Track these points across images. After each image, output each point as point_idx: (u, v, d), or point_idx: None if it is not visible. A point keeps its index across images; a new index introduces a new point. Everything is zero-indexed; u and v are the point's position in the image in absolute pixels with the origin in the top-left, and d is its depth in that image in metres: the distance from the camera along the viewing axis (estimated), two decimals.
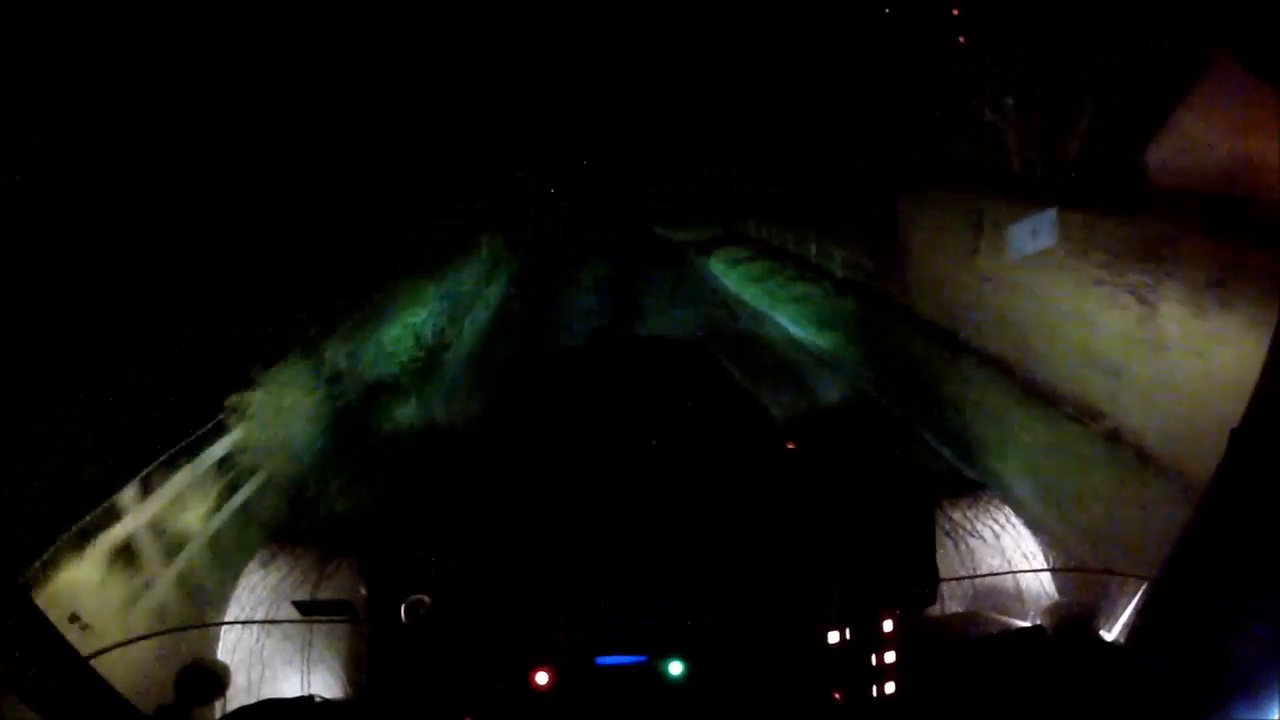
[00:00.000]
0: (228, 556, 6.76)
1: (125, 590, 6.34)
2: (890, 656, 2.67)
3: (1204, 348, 8.08)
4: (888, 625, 2.69)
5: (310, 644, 3.27)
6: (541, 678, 2.56)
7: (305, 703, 2.71)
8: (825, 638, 2.64)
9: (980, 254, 12.82)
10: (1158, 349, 8.83)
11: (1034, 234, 12.19)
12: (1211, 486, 1.90)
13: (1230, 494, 1.90)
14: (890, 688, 2.64)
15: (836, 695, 2.65)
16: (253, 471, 8.47)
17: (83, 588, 5.89)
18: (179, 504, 7.44)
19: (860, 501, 3.22)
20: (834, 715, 2.67)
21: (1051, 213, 10.03)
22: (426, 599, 2.73)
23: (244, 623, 3.35)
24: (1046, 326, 11.01)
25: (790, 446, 4.23)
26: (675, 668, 2.54)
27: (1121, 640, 2.63)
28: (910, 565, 2.84)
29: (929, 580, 2.83)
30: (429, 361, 15.03)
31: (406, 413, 12.03)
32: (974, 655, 2.78)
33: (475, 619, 2.76)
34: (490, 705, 2.63)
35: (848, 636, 2.65)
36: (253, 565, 3.69)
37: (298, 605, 2.90)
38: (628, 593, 2.76)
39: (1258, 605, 1.75)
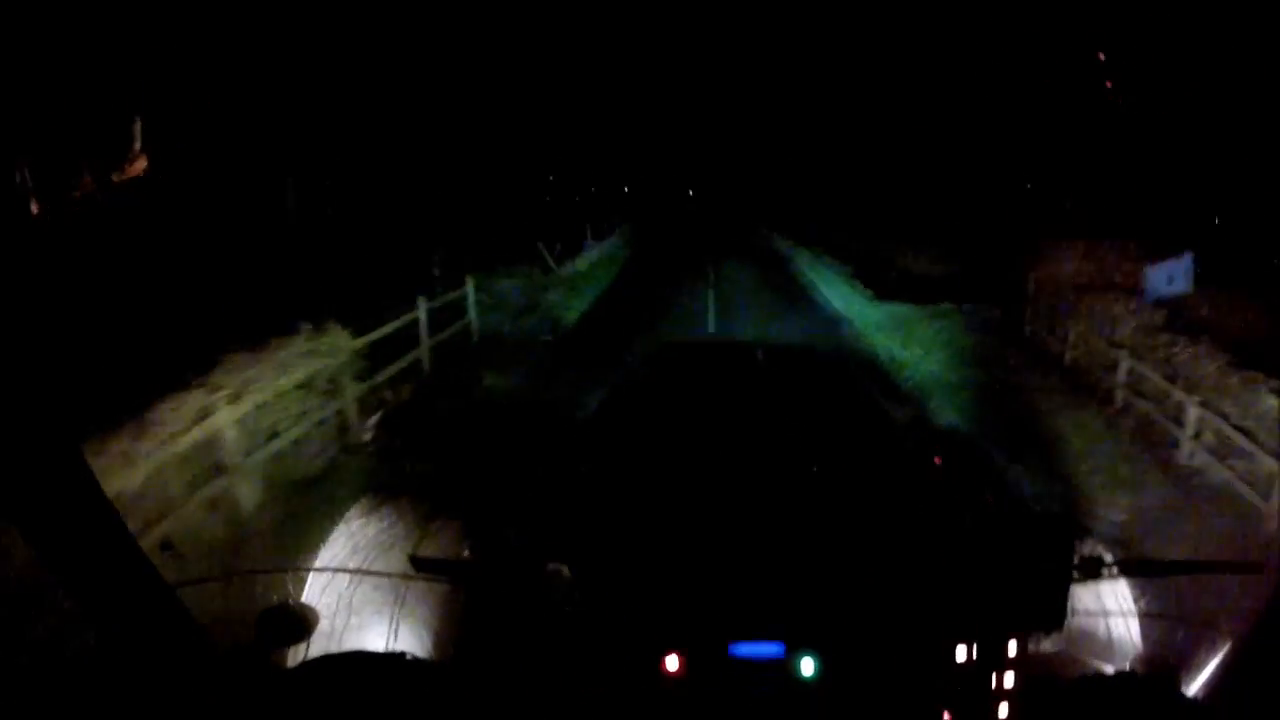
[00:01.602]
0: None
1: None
2: (1010, 680, 2.61)
3: None
4: (1012, 648, 2.64)
5: (402, 599, 3.23)
6: (672, 662, 2.52)
7: (396, 659, 2.71)
8: (954, 653, 2.59)
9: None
10: None
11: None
12: None
13: None
14: (1004, 711, 2.58)
15: (946, 714, 2.58)
16: None
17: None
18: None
19: (1003, 521, 3.13)
20: None
21: None
22: (565, 569, 2.67)
23: (345, 570, 3.32)
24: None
25: (938, 461, 4.15)
26: (807, 664, 2.51)
27: (1202, 696, 2.53)
28: (1043, 592, 2.78)
29: (1058, 610, 2.77)
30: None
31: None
32: (1070, 694, 2.74)
33: (611, 595, 2.72)
34: (618, 685, 2.58)
35: (974, 655, 2.60)
36: (353, 513, 3.66)
37: (415, 560, 2.85)
38: (768, 585, 2.73)
39: None
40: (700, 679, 2.52)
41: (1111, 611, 3.41)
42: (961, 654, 2.58)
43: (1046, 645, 3.27)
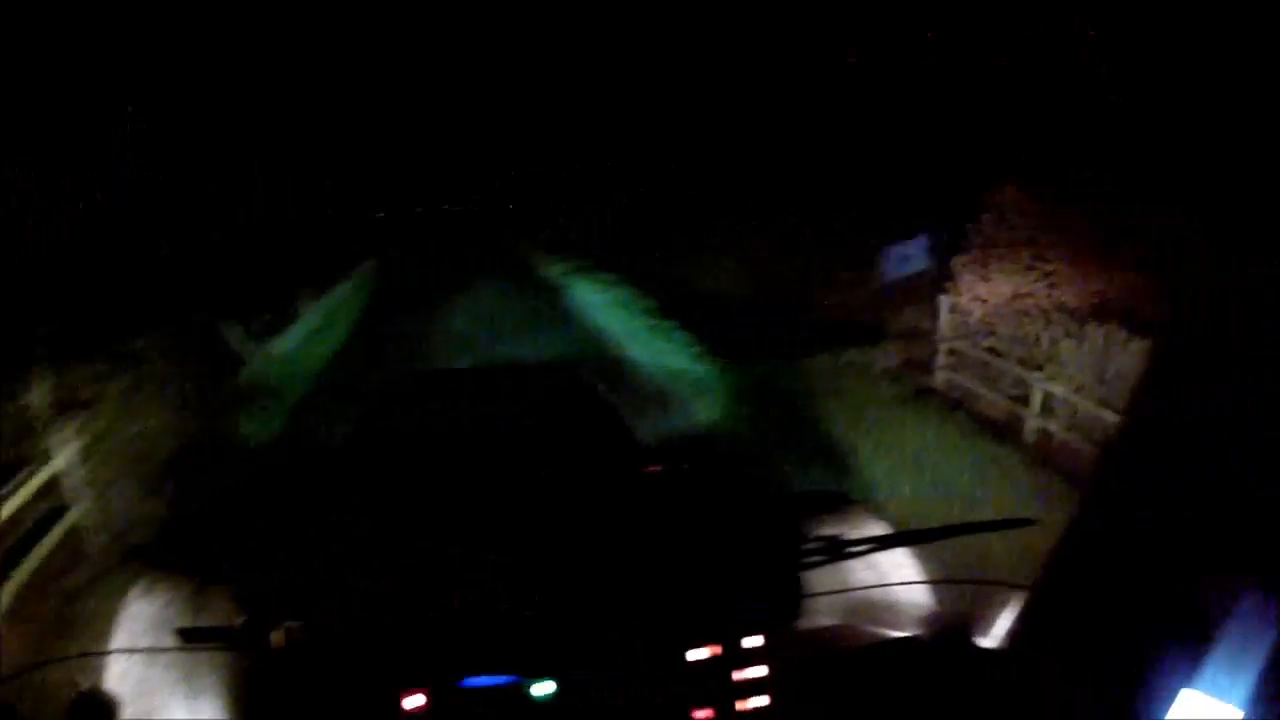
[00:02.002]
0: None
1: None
2: (755, 672, 2.66)
3: None
4: (751, 641, 2.69)
5: (195, 672, 3.15)
6: (410, 701, 2.53)
7: None
8: (689, 656, 2.63)
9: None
10: None
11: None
12: (1087, 494, 1.94)
13: (1107, 501, 1.94)
14: (759, 702, 2.63)
15: (698, 715, 2.62)
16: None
17: None
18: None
19: (721, 520, 3.30)
20: None
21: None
22: (296, 624, 2.67)
23: (128, 650, 3.24)
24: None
25: (651, 470, 4.29)
26: (543, 688, 2.53)
27: (1004, 648, 2.66)
28: (772, 581, 2.90)
29: (792, 595, 2.90)
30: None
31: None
32: (847, 667, 2.83)
33: (346, 643, 2.72)
34: None
35: (711, 654, 2.65)
36: (134, 593, 3.58)
37: (180, 633, 2.83)
38: (498, 614, 2.75)
39: (1137, 608, 1.77)
40: (439, 714, 2.55)
41: (890, 579, 3.56)
42: (698, 656, 2.64)
43: (825, 620, 3.39)
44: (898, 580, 3.54)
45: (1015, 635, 2.56)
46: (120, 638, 3.38)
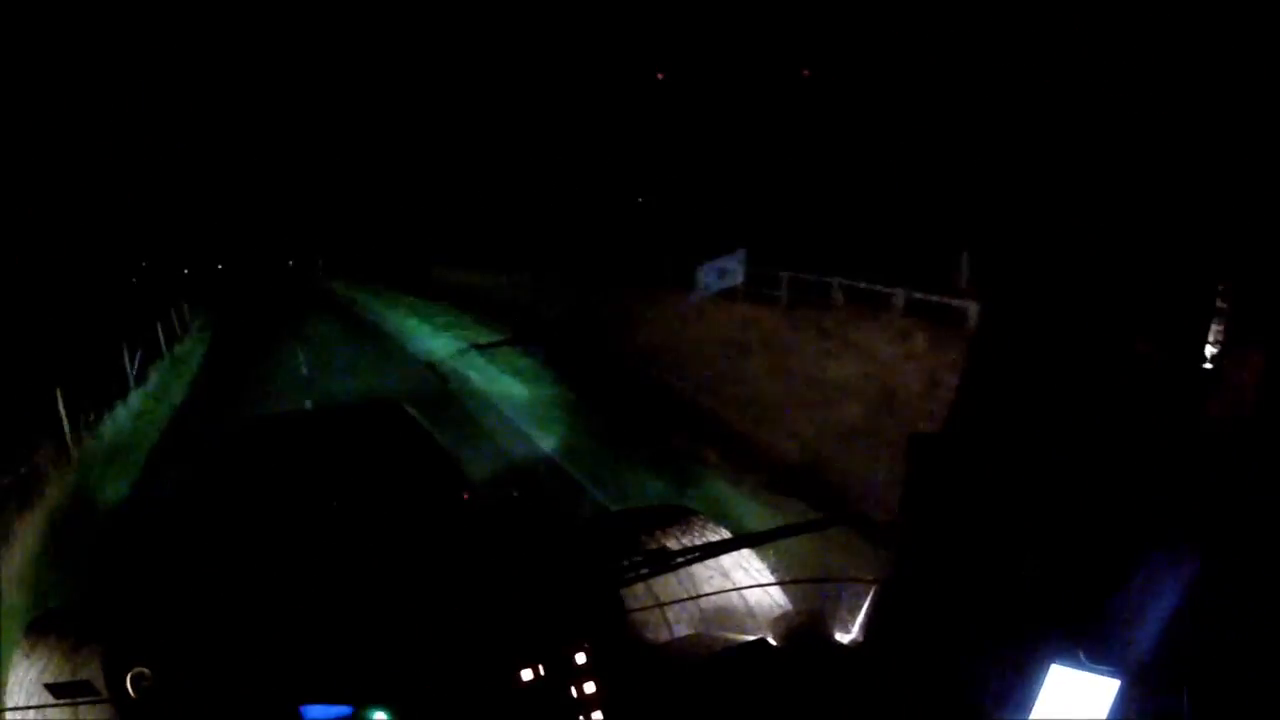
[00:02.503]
0: None
1: None
2: (589, 687, 2.72)
3: None
4: (580, 657, 2.75)
5: None
6: None
7: None
8: (520, 676, 2.67)
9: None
10: None
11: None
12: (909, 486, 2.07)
13: (925, 490, 2.07)
14: (596, 717, 2.69)
15: None
16: None
17: None
18: None
19: (538, 541, 3.46)
20: None
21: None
22: (146, 670, 2.73)
23: (14, 708, 3.35)
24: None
25: (466, 496, 4.40)
26: (379, 718, 2.55)
27: (858, 642, 2.78)
28: (590, 596, 2.97)
29: (612, 608, 2.97)
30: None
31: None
32: (697, 674, 2.91)
33: (189, 682, 2.77)
34: None
35: (541, 673, 2.69)
36: (18, 655, 3.66)
37: (49, 689, 2.88)
38: (329, 645, 2.79)
39: (993, 591, 1.89)
40: None
41: (743, 584, 3.66)
42: (528, 675, 2.69)
43: (681, 629, 3.47)
44: (747, 583, 3.65)
45: (869, 628, 2.68)
46: (10, 698, 3.47)
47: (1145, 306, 1.85)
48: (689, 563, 3.14)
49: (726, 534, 4.04)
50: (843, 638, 2.89)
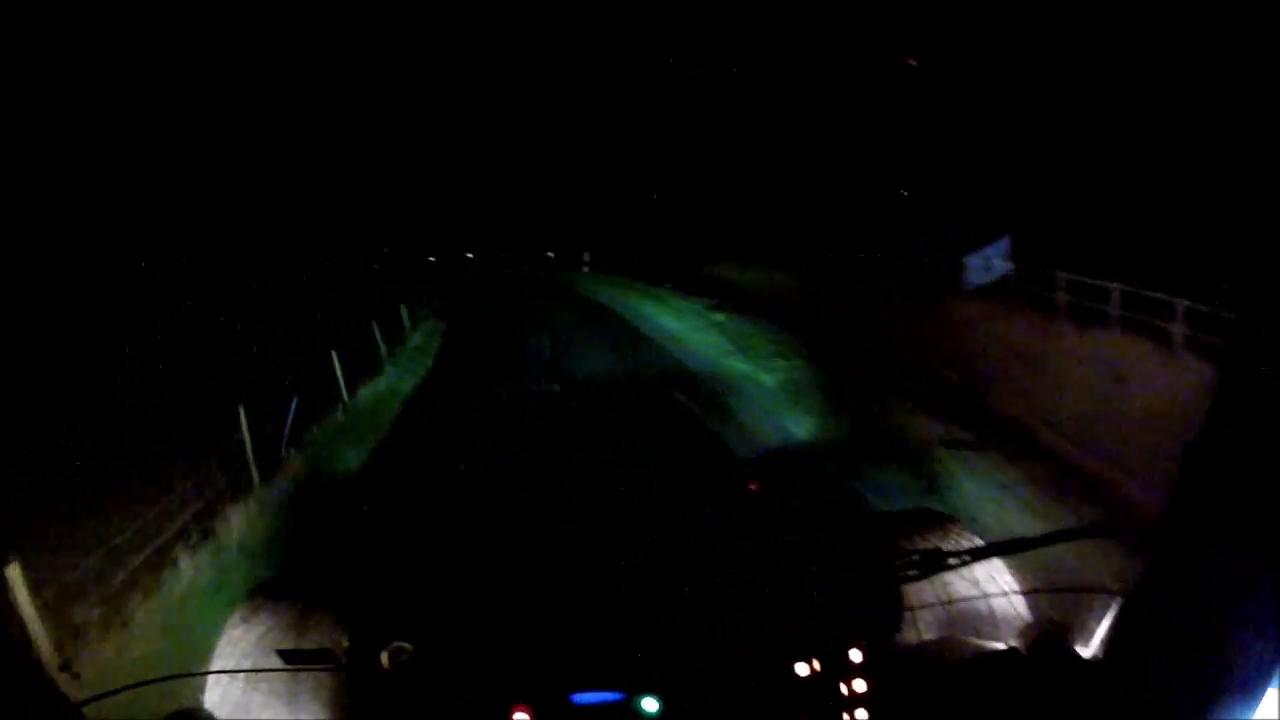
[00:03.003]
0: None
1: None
2: (860, 685, 2.71)
3: None
4: (856, 655, 2.74)
5: (295, 695, 3.22)
6: (520, 717, 2.59)
7: None
8: (795, 670, 2.68)
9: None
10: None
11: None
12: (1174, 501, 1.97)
13: (1191, 508, 1.97)
14: (862, 714, 2.68)
15: None
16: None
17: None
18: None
19: (822, 538, 3.35)
20: None
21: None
22: (408, 645, 2.75)
23: (232, 672, 3.31)
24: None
25: (753, 488, 4.30)
26: (650, 704, 2.58)
27: (1099, 655, 2.68)
28: (873, 597, 2.94)
29: (892, 610, 2.91)
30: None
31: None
32: (950, 679, 2.86)
33: (456, 662, 2.79)
34: None
35: (817, 668, 2.69)
36: (234, 619, 3.65)
37: (282, 654, 2.89)
38: (605, 632, 2.81)
39: (1228, 616, 1.80)
40: None
41: (993, 592, 3.57)
42: (803, 670, 2.70)
43: (929, 633, 3.41)
44: (996, 591, 3.56)
45: (1109, 642, 2.58)
46: (221, 661, 3.47)
47: None
48: (948, 568, 3.09)
49: (978, 540, 3.95)
50: (1084, 651, 2.79)
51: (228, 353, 15.67)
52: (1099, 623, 2.75)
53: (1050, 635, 2.94)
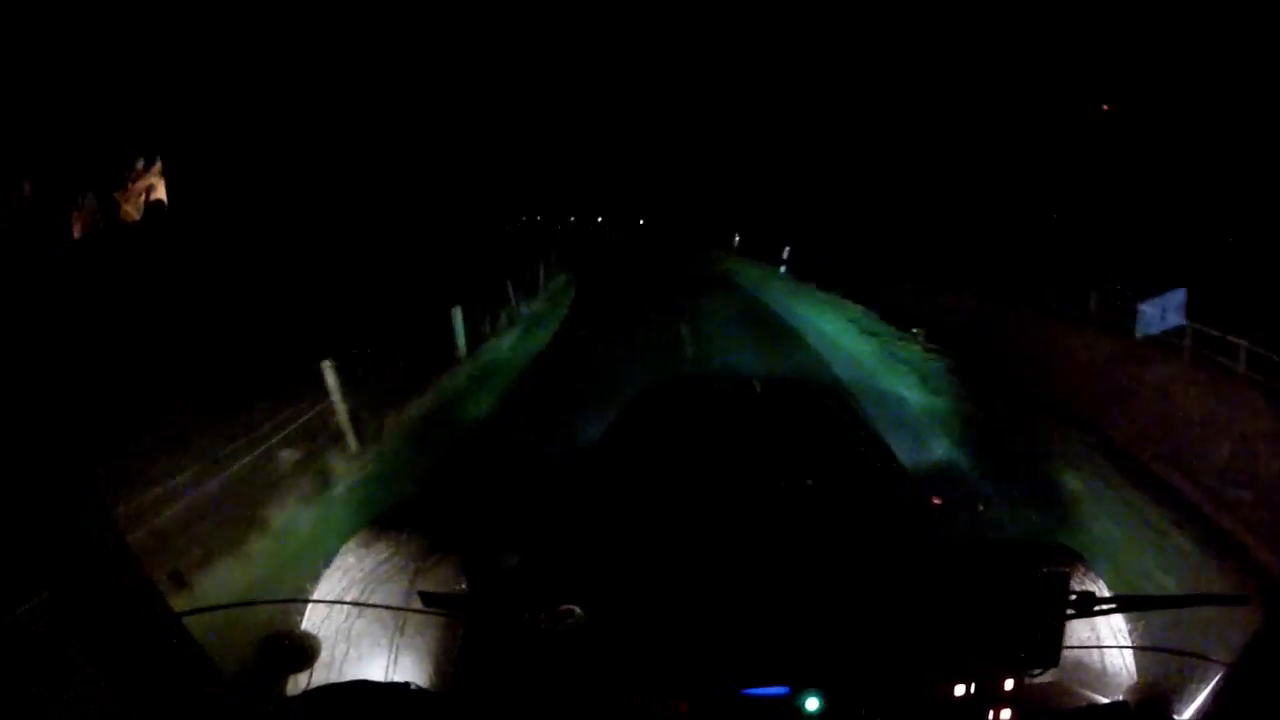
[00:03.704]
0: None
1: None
2: (1006, 714, 2.69)
3: None
4: (1008, 685, 2.71)
5: (401, 631, 3.23)
6: (685, 705, 2.58)
7: (400, 689, 2.71)
8: (952, 690, 2.65)
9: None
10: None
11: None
12: None
13: None
14: None
15: None
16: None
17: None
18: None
19: (999, 559, 3.26)
20: None
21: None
22: (578, 609, 2.62)
23: (352, 603, 3.29)
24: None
25: (936, 502, 4.23)
26: (812, 703, 2.57)
27: None
28: (1039, 630, 2.79)
29: (1053, 648, 2.78)
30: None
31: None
32: None
33: (626, 637, 2.69)
34: None
35: (971, 691, 2.66)
36: (351, 544, 3.60)
37: (424, 596, 2.87)
38: (774, 628, 2.72)
39: None
40: (709, 717, 2.59)
41: (1105, 642, 3.44)
42: (959, 691, 2.65)
43: (1044, 677, 3.30)
44: (1112, 643, 3.42)
45: (1212, 711, 2.46)
46: (328, 587, 3.43)
47: None
48: (1083, 614, 2.92)
49: (1102, 584, 3.80)
50: (1184, 715, 2.66)
51: None
52: (1201, 688, 2.63)
53: (1151, 697, 2.82)
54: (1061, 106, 27.93)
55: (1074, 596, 2.90)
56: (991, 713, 2.68)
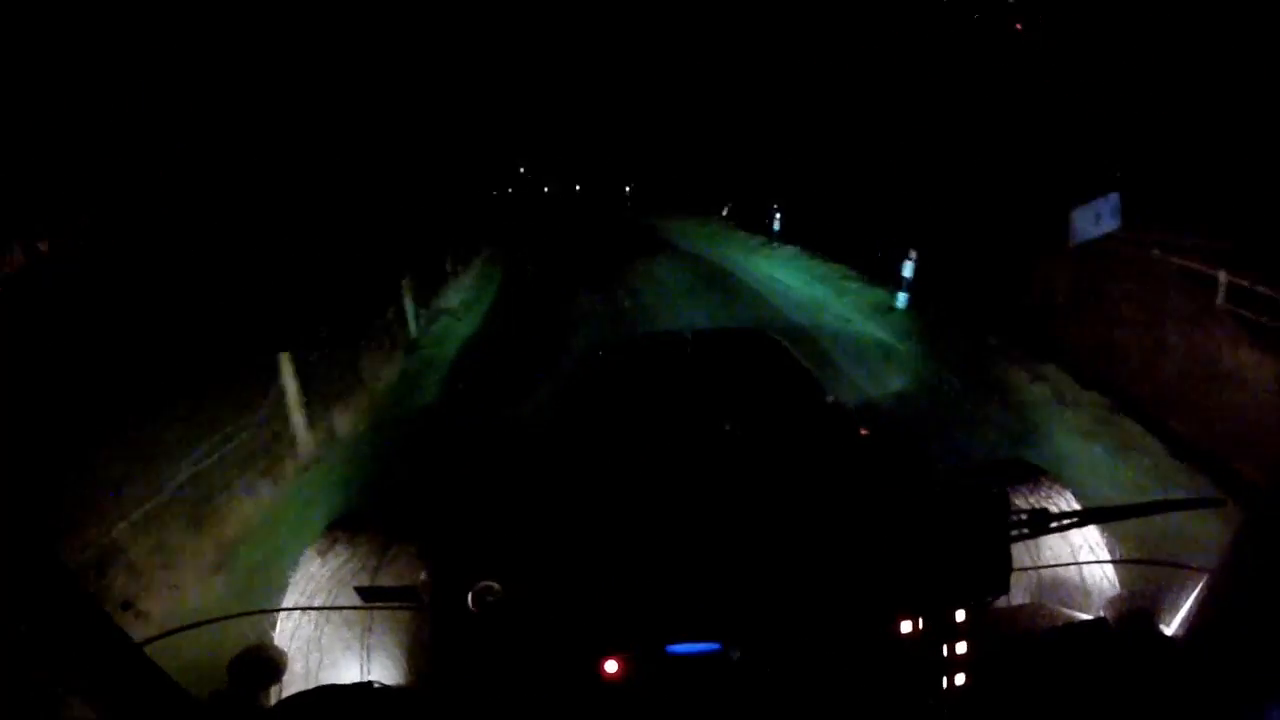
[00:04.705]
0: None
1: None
2: (961, 648, 2.60)
3: None
4: (960, 616, 2.62)
5: (369, 630, 3.22)
6: (611, 666, 2.51)
7: (364, 689, 2.70)
8: (899, 627, 2.57)
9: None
10: None
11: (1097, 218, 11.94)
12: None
13: None
14: (960, 679, 2.58)
15: (903, 688, 2.57)
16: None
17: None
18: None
19: (934, 488, 3.16)
20: (906, 705, 2.60)
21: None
22: (496, 585, 2.65)
23: (304, 609, 3.30)
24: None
25: (864, 433, 4.15)
26: (747, 656, 2.50)
27: (1181, 634, 2.57)
28: (984, 557, 2.75)
29: (1002, 572, 2.74)
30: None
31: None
32: (1039, 647, 2.77)
33: (544, 606, 2.69)
34: (558, 694, 2.57)
35: (921, 627, 2.58)
36: (310, 552, 3.62)
37: (360, 591, 2.83)
38: (702, 581, 2.68)
39: None
40: (639, 679, 2.52)
41: (1082, 558, 3.45)
42: (907, 627, 2.58)
43: (1015, 599, 3.30)
44: (1087, 558, 3.43)
45: (1196, 619, 2.46)
46: (293, 597, 3.43)
47: None
48: (1048, 531, 2.88)
49: (1071, 496, 3.81)
50: (1169, 629, 2.66)
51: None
52: (1185, 597, 2.63)
53: (1137, 609, 2.81)
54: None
55: (1024, 516, 2.89)
56: (946, 649, 2.59)
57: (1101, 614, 3.02)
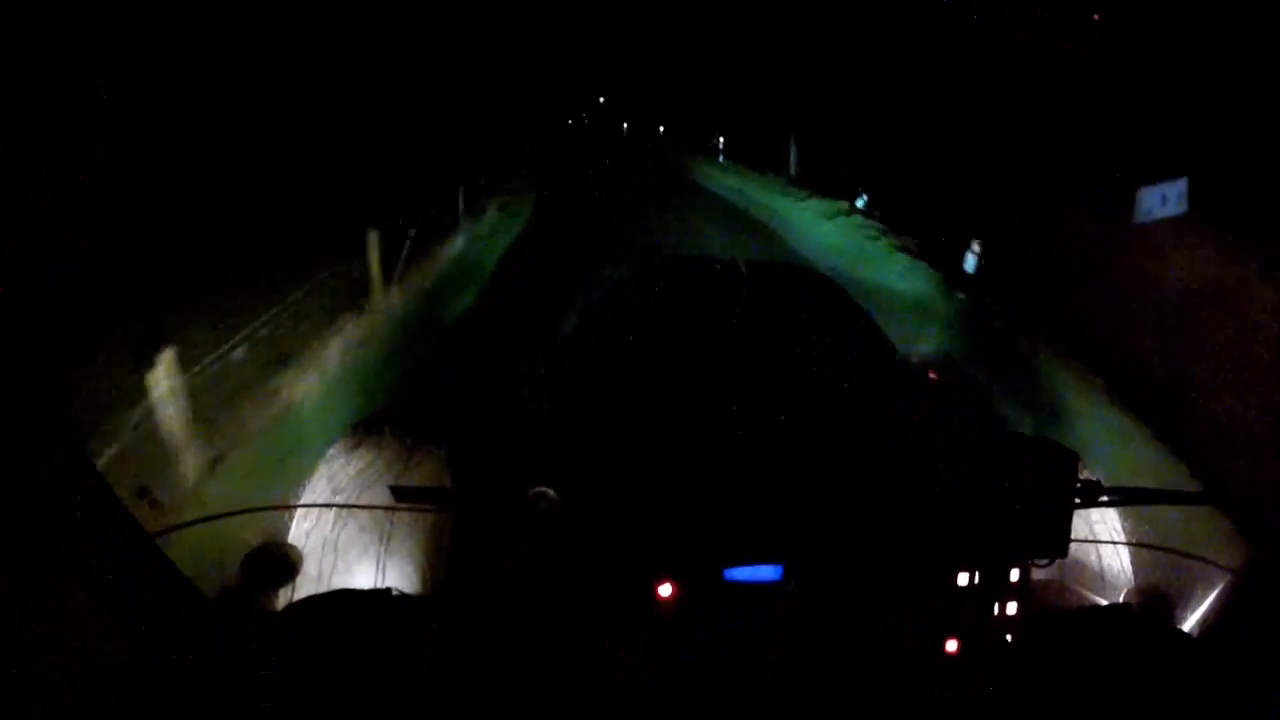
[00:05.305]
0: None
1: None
2: (1012, 608, 2.55)
3: None
4: (1014, 575, 2.56)
5: (388, 535, 3.13)
6: (665, 589, 2.42)
7: (381, 596, 2.66)
8: (955, 579, 2.51)
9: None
10: None
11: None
12: None
13: None
14: (1009, 639, 2.54)
15: (950, 640, 2.49)
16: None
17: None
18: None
19: (1003, 440, 3.09)
20: (953, 660, 2.52)
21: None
22: (551, 492, 2.54)
23: (327, 505, 3.19)
24: None
25: (933, 377, 4.08)
26: (803, 586, 2.44)
27: (1195, 631, 2.53)
28: (1049, 517, 2.64)
29: (1063, 535, 2.63)
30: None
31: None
32: (1066, 626, 2.72)
33: (601, 522, 2.61)
34: (603, 616, 2.48)
35: (976, 581, 2.52)
36: (334, 451, 3.50)
37: (394, 491, 2.76)
38: (764, 508, 2.61)
39: None
40: (694, 603, 2.43)
41: (1102, 540, 3.39)
42: (963, 580, 2.51)
43: (1042, 574, 3.25)
44: (1107, 539, 3.36)
45: (1213, 617, 2.43)
46: (312, 496, 3.33)
47: None
48: (1097, 505, 2.81)
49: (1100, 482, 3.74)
50: (1183, 623, 2.63)
51: None
52: (1200, 593, 2.59)
53: (1150, 600, 2.77)
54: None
55: (1080, 484, 2.79)
56: (997, 605, 2.53)
57: (1122, 599, 3.00)
